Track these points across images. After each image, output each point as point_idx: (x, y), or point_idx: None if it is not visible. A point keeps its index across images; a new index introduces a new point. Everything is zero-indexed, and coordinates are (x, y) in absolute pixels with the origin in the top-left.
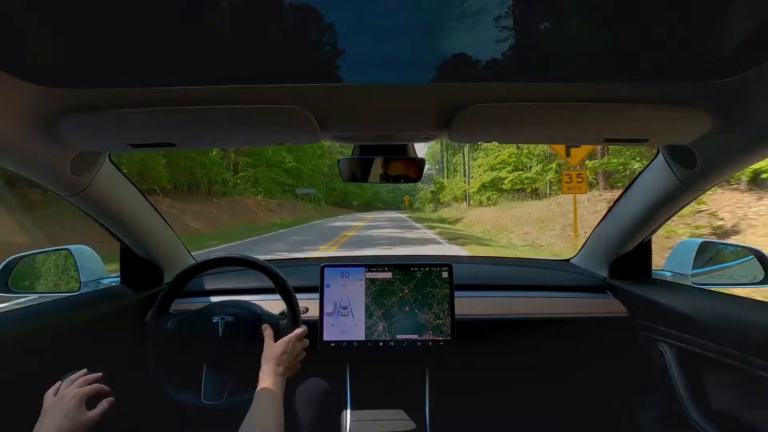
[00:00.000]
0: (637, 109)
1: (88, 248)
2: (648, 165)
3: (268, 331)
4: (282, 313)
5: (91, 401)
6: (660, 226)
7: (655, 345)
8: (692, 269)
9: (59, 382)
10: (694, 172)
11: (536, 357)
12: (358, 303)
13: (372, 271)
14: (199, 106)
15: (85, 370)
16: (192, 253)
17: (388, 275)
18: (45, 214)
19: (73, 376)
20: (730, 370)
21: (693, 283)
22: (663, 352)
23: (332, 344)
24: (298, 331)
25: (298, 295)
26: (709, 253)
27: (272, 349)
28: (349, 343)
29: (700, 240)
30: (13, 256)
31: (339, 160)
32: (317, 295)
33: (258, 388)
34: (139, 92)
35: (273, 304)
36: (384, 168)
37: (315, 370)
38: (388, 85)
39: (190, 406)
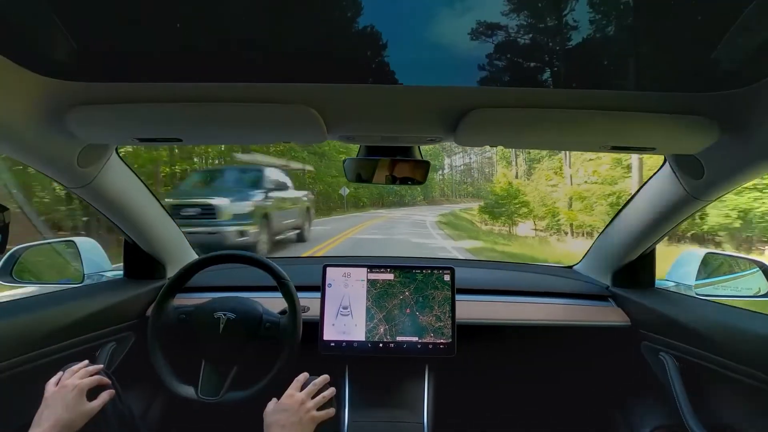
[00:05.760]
0: (645, 118)
1: (93, 241)
2: (654, 174)
3: (296, 384)
4: (283, 311)
5: (91, 392)
6: (665, 235)
7: (656, 355)
8: (696, 280)
9: (61, 373)
10: (700, 182)
11: (537, 363)
12: (359, 303)
13: (374, 272)
14: (207, 102)
15: (86, 362)
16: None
17: (390, 276)
18: None
19: (74, 367)
20: (731, 382)
21: (696, 294)
22: (664, 362)
23: (332, 344)
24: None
25: (299, 294)
26: (713, 264)
27: (284, 414)
28: (349, 343)
29: (705, 251)
30: (18, 246)
31: (345, 160)
32: (318, 294)
33: None
34: (148, 87)
35: (274, 302)
36: (389, 169)
37: (314, 369)
38: (395, 86)
39: (186, 401)
